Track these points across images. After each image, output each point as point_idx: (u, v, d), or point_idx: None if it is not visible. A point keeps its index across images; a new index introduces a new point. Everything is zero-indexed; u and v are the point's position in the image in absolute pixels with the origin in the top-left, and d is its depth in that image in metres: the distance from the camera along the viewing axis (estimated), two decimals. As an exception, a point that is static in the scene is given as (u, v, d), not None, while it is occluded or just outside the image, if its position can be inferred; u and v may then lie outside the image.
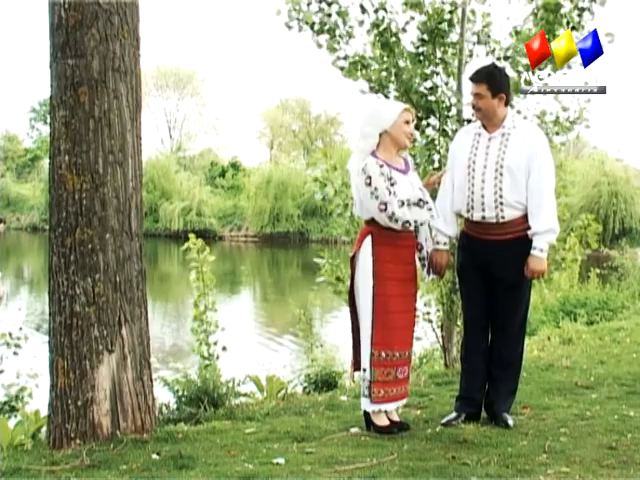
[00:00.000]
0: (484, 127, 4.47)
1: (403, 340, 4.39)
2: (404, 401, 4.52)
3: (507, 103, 4.47)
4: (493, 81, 4.40)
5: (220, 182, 43.51)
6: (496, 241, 4.40)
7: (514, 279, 4.42)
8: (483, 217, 4.40)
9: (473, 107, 4.48)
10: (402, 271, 4.38)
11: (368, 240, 4.34)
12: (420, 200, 4.31)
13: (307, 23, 6.25)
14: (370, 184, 4.24)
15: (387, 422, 4.38)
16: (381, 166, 4.28)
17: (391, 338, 4.31)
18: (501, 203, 4.34)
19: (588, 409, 4.82)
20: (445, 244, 4.59)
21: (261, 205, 37.31)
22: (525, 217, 4.38)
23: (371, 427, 4.41)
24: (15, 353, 6.75)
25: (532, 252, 4.33)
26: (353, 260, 4.44)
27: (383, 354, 4.29)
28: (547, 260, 5.84)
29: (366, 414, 4.43)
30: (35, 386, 6.33)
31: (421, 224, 4.40)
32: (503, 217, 4.37)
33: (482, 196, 4.38)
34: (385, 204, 4.22)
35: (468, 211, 4.45)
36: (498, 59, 6.23)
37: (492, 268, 4.43)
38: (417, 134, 6.31)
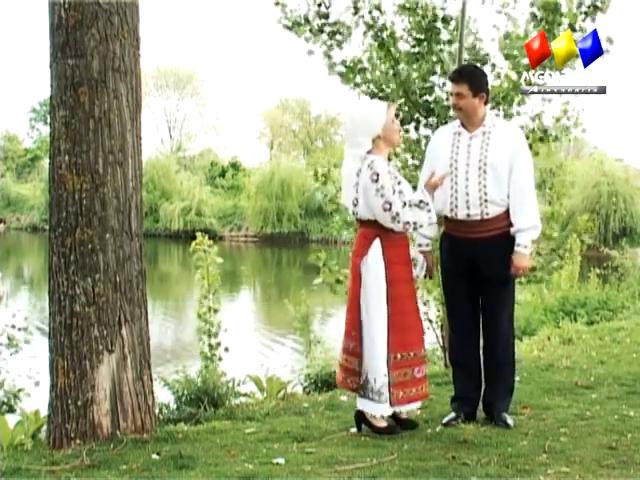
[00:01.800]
0: (463, 126, 4.50)
1: (417, 339, 4.40)
2: (421, 402, 4.50)
3: (486, 102, 4.52)
4: (474, 81, 4.45)
5: (220, 182, 43.47)
6: (480, 239, 4.41)
7: (502, 275, 4.45)
8: (468, 215, 4.41)
9: (454, 107, 4.52)
10: (408, 271, 4.40)
11: (377, 243, 4.28)
12: (421, 201, 4.28)
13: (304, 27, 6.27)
14: (377, 181, 4.19)
15: (385, 423, 4.38)
16: (387, 165, 4.28)
17: (407, 339, 4.32)
18: (485, 200, 4.38)
19: (588, 409, 4.82)
20: (427, 245, 4.66)
21: (261, 205, 37.29)
22: (507, 213, 4.42)
23: (362, 428, 4.39)
24: (13, 353, 6.74)
25: (516, 249, 4.37)
26: (358, 265, 4.34)
27: (399, 356, 4.29)
28: (545, 259, 5.81)
29: (358, 416, 4.41)
30: (34, 384, 6.34)
31: (420, 226, 4.34)
32: (487, 214, 4.40)
33: (467, 194, 4.40)
34: (390, 204, 4.18)
35: (452, 210, 4.45)
36: (488, 64, 6.25)
37: (479, 266, 4.45)
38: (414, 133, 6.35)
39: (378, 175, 4.19)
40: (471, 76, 4.49)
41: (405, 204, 4.22)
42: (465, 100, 4.41)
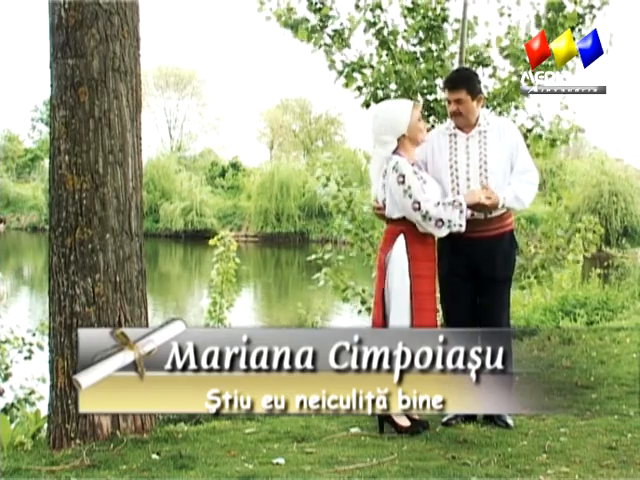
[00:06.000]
0: (458, 127, 4.48)
1: None
2: None
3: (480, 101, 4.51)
4: (471, 84, 4.44)
5: (220, 182, 43.51)
6: (483, 238, 4.41)
7: (503, 275, 4.47)
8: (472, 215, 4.39)
9: (453, 114, 4.44)
10: (431, 268, 4.41)
11: (401, 239, 4.31)
12: (454, 201, 4.27)
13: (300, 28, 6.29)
14: (403, 182, 4.23)
15: (408, 422, 4.32)
16: (412, 165, 4.31)
17: None
18: None
19: (588, 409, 4.83)
20: None
21: (261, 205, 37.32)
22: (509, 211, 4.45)
23: (383, 428, 4.34)
24: (27, 358, 6.72)
25: (498, 196, 4.29)
26: (383, 260, 4.38)
27: None
28: (545, 259, 5.77)
29: (380, 415, 4.38)
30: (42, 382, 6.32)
31: (454, 225, 4.24)
32: (491, 212, 4.40)
33: None
34: (418, 203, 4.21)
35: None
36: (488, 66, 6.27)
37: (479, 266, 4.44)
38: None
39: (404, 177, 4.23)
40: (469, 80, 4.46)
41: (439, 203, 4.23)
42: (465, 105, 4.40)
